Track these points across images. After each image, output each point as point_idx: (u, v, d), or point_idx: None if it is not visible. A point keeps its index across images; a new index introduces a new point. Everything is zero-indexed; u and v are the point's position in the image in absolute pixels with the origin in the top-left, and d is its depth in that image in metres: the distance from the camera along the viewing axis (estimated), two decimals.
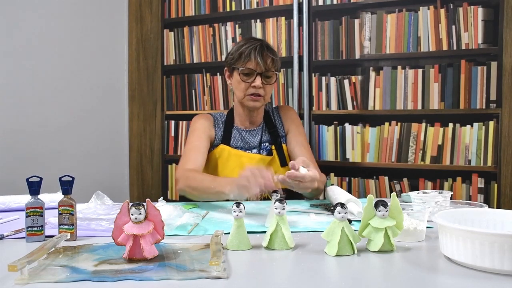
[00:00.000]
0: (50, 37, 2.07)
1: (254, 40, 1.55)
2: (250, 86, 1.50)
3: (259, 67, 1.49)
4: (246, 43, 1.52)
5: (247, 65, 1.49)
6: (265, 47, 1.51)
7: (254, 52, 1.48)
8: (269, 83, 1.53)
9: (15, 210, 1.28)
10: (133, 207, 0.82)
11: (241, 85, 1.51)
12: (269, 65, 1.51)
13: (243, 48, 1.50)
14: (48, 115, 2.06)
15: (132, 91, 2.45)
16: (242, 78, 1.50)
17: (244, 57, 1.49)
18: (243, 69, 1.49)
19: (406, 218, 0.93)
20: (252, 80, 1.49)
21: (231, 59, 1.54)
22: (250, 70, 1.49)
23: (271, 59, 1.51)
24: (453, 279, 0.73)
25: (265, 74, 1.51)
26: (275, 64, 1.53)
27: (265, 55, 1.50)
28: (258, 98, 1.52)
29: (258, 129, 1.62)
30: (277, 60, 1.54)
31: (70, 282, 0.71)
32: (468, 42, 1.79)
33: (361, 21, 1.95)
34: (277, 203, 0.90)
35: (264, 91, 1.51)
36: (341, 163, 2.00)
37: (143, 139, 2.44)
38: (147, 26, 2.41)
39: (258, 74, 1.49)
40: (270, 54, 1.51)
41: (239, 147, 1.58)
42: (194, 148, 1.52)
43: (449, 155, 1.83)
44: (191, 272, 0.75)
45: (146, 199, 0.87)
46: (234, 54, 1.53)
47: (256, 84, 1.49)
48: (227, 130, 1.60)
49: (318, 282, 0.72)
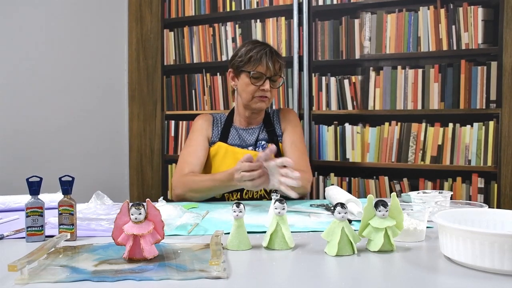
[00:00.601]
0: (50, 37, 2.07)
1: (262, 44, 1.58)
2: (258, 89, 1.53)
3: (269, 71, 1.53)
4: (255, 47, 1.55)
5: (258, 69, 1.52)
6: (274, 52, 1.56)
7: (265, 56, 1.52)
8: (275, 86, 1.58)
9: (15, 210, 1.28)
10: (133, 207, 0.82)
11: (249, 87, 1.54)
12: (277, 70, 1.55)
13: (253, 52, 1.53)
14: (48, 115, 2.06)
15: (132, 91, 2.45)
16: (252, 81, 1.53)
17: (255, 60, 1.52)
18: (254, 73, 1.52)
19: (406, 218, 0.93)
20: (261, 83, 1.53)
21: (239, 62, 1.56)
22: (260, 74, 1.53)
23: (279, 64, 1.56)
24: (453, 279, 0.73)
25: (273, 78, 1.55)
26: (281, 69, 1.58)
27: (275, 60, 1.54)
28: (265, 99, 1.56)
29: (256, 128, 1.64)
30: (283, 65, 1.59)
31: (70, 282, 0.71)
32: (468, 42, 1.79)
33: (361, 21, 1.95)
34: (277, 203, 0.90)
35: (270, 94, 1.56)
36: (341, 163, 2.00)
37: (143, 139, 2.44)
38: (147, 26, 2.41)
39: (267, 78, 1.53)
40: (279, 60, 1.56)
41: (235, 145, 1.61)
42: (189, 153, 1.56)
43: (449, 155, 1.83)
44: (191, 272, 0.75)
45: (146, 199, 0.87)
46: (243, 57, 1.54)
47: (266, 88, 1.53)
48: (226, 129, 1.63)
49: (318, 282, 0.72)
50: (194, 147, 1.57)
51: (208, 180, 1.42)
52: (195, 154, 1.56)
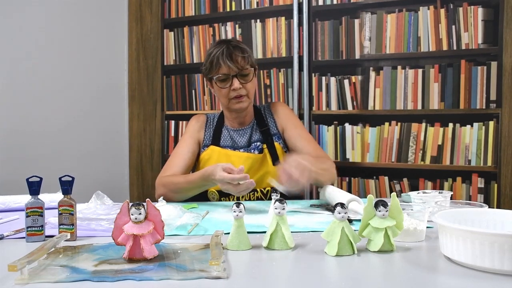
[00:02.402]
0: (50, 37, 2.07)
1: (220, 43, 1.53)
2: (230, 90, 1.50)
3: (231, 70, 1.48)
4: (213, 50, 1.52)
5: (220, 71, 1.49)
6: (232, 48, 1.50)
7: (221, 57, 1.48)
8: (247, 81, 1.52)
9: (15, 210, 1.28)
10: (133, 207, 0.82)
11: (221, 91, 1.52)
12: (242, 64, 1.50)
13: (212, 56, 1.50)
14: (48, 115, 2.06)
15: (132, 91, 2.45)
16: (220, 85, 1.51)
17: (215, 64, 1.49)
18: (218, 76, 1.50)
19: (406, 218, 0.93)
20: (230, 83, 1.50)
21: (205, 70, 1.55)
22: (224, 76, 1.50)
23: (241, 58, 1.49)
24: (453, 279, 0.73)
25: (240, 73, 1.50)
26: (247, 60, 1.51)
27: (234, 56, 1.49)
28: (242, 98, 1.52)
29: (246, 129, 1.62)
30: (248, 56, 1.52)
31: (70, 282, 0.71)
32: (468, 42, 1.79)
33: (361, 21, 1.95)
34: (277, 203, 0.90)
35: (245, 90, 1.52)
36: (341, 163, 2.00)
37: (143, 139, 2.44)
38: (147, 26, 2.41)
39: (233, 76, 1.49)
40: (239, 53, 1.49)
41: (228, 147, 1.60)
42: (176, 154, 1.59)
43: (449, 155, 1.83)
44: (191, 272, 0.75)
45: (146, 199, 0.86)
46: (206, 64, 1.54)
47: (235, 86, 1.49)
48: (217, 131, 1.63)
49: (318, 282, 0.72)
50: (181, 149, 1.59)
51: (183, 182, 1.45)
52: (181, 156, 1.57)
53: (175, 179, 1.48)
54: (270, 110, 1.66)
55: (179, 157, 1.57)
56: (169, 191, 1.47)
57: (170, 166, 1.55)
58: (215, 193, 1.52)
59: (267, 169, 1.53)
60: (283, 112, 1.64)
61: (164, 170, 1.56)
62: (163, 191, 1.48)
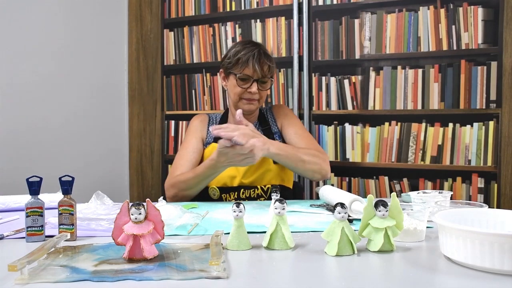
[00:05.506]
0: (50, 37, 2.07)
1: (252, 45, 1.55)
2: (246, 91, 1.52)
3: (256, 74, 1.50)
4: (244, 49, 1.53)
5: (244, 71, 1.51)
6: (263, 54, 1.53)
7: (252, 59, 1.49)
8: (264, 88, 1.55)
9: (15, 210, 1.28)
10: (133, 207, 0.82)
11: (236, 89, 1.53)
12: (266, 72, 1.53)
13: (241, 54, 1.51)
14: (48, 115, 2.06)
15: (132, 91, 2.45)
16: (239, 83, 1.52)
17: (242, 63, 1.50)
18: (240, 75, 1.51)
19: (406, 218, 0.93)
20: (249, 86, 1.51)
21: (228, 63, 1.55)
22: (247, 76, 1.51)
23: (268, 66, 1.53)
24: (453, 279, 0.73)
25: (261, 80, 1.53)
26: (271, 71, 1.55)
27: (263, 62, 1.51)
28: (253, 101, 1.55)
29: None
30: (273, 67, 1.56)
31: (70, 282, 0.71)
32: (468, 42, 1.79)
33: (361, 21, 1.95)
34: (277, 203, 0.90)
35: (259, 96, 1.54)
36: (341, 163, 2.00)
37: (143, 139, 2.44)
38: (147, 26, 2.41)
39: (255, 80, 1.51)
40: (268, 61, 1.53)
41: None
42: (181, 156, 1.58)
43: (449, 155, 1.83)
44: (191, 272, 0.75)
45: (146, 199, 0.86)
46: (231, 58, 1.54)
47: (253, 90, 1.51)
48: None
49: (318, 282, 0.72)
50: (186, 150, 1.59)
51: (192, 177, 1.44)
52: (186, 156, 1.57)
53: (182, 177, 1.48)
54: (271, 112, 1.69)
55: (184, 158, 1.57)
56: (179, 190, 1.47)
57: (177, 167, 1.55)
58: (216, 189, 1.53)
59: (268, 167, 1.54)
60: (282, 112, 1.67)
61: (171, 173, 1.55)
62: (173, 192, 1.48)
